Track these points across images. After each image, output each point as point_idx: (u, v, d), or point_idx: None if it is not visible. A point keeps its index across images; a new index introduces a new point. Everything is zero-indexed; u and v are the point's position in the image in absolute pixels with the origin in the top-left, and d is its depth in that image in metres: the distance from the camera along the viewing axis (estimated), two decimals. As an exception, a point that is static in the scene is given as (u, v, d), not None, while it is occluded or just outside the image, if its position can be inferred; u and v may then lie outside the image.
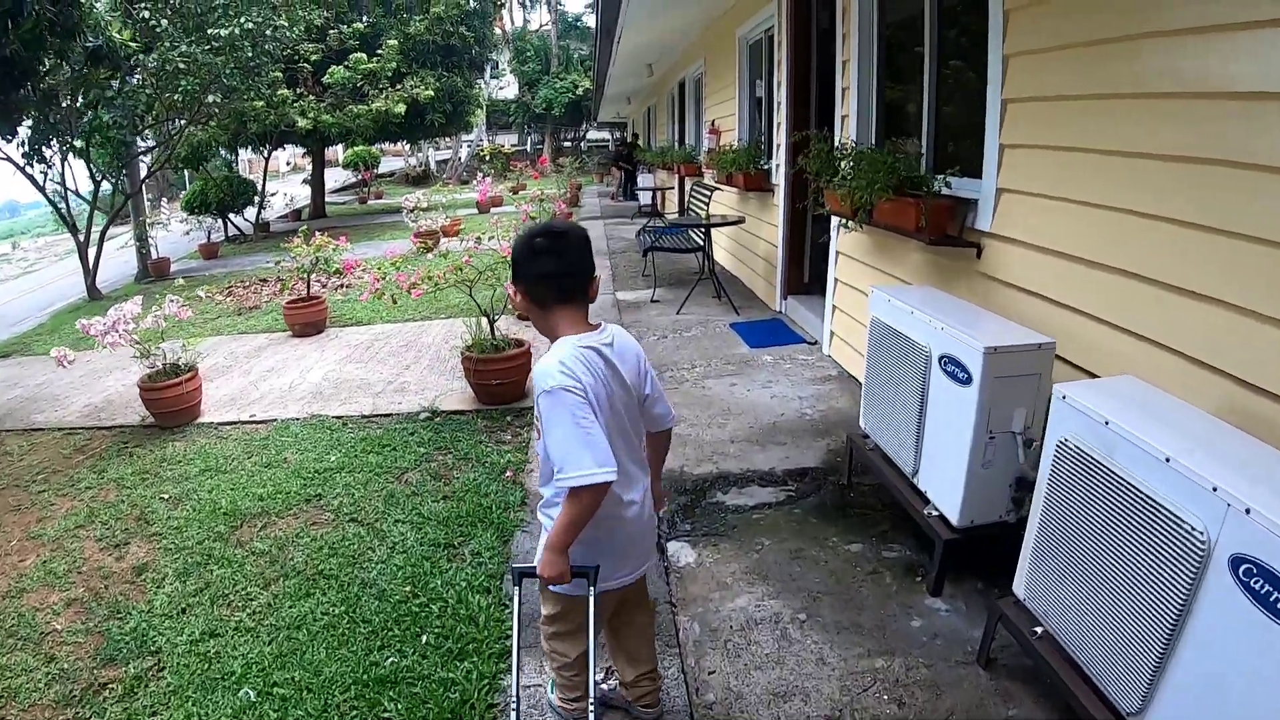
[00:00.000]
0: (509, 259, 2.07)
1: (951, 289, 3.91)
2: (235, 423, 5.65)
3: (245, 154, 24.18)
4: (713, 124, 9.63)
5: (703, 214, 7.93)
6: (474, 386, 5.54)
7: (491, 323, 5.54)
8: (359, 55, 18.99)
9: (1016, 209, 3.48)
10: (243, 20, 12.57)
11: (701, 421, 4.84)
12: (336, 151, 33.45)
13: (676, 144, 13.68)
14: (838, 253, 5.61)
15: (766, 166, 7.37)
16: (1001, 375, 2.80)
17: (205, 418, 5.77)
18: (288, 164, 42.69)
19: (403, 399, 5.80)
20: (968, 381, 2.86)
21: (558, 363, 1.79)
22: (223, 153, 20.58)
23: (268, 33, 13.25)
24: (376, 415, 5.53)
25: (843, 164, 4.64)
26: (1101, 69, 2.88)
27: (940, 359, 3.03)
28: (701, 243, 7.67)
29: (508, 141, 43.74)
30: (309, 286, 8.41)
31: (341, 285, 10.19)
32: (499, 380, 5.38)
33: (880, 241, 4.72)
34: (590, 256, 2.00)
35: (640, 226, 10.71)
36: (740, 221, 7.28)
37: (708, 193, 8.04)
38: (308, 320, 8.04)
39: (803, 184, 6.60)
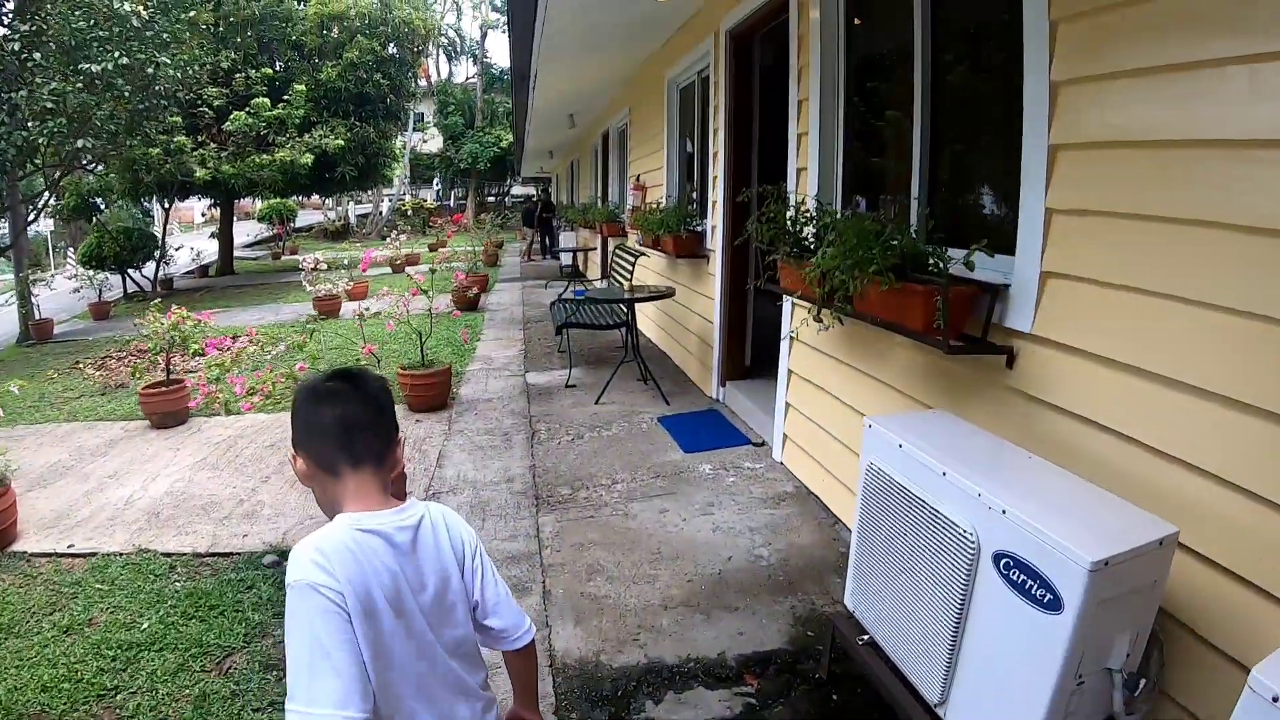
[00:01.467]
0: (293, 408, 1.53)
1: (968, 410, 2.78)
2: (52, 554, 4.16)
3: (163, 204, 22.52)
4: (637, 179, 8.55)
5: (625, 283, 6.75)
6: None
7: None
8: (263, 101, 17.50)
9: (1070, 301, 2.40)
10: (117, 55, 11.14)
11: (625, 572, 3.57)
12: (255, 203, 31.84)
13: (599, 201, 12.59)
14: (793, 339, 4.47)
15: (699, 228, 6.26)
16: (1109, 596, 1.71)
17: (21, 543, 4.34)
18: (203, 215, 40.49)
19: (250, 529, 4.36)
20: (1054, 606, 1.75)
21: (313, 549, 1.32)
22: (126, 202, 18.96)
23: (150, 70, 11.83)
24: (214, 554, 4.09)
25: (805, 230, 3.51)
26: (1209, 99, 1.88)
27: (1000, 561, 1.88)
28: (624, 318, 6.47)
29: (431, 196, 42.69)
30: (169, 369, 6.90)
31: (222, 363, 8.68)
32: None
33: (856, 331, 3.57)
34: (392, 411, 1.56)
35: (557, 296, 9.46)
36: (669, 294, 6.14)
37: (631, 258, 6.89)
38: (166, 409, 6.49)
39: (743, 250, 5.55)
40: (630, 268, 6.79)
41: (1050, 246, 2.45)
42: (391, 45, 21.37)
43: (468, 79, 42.72)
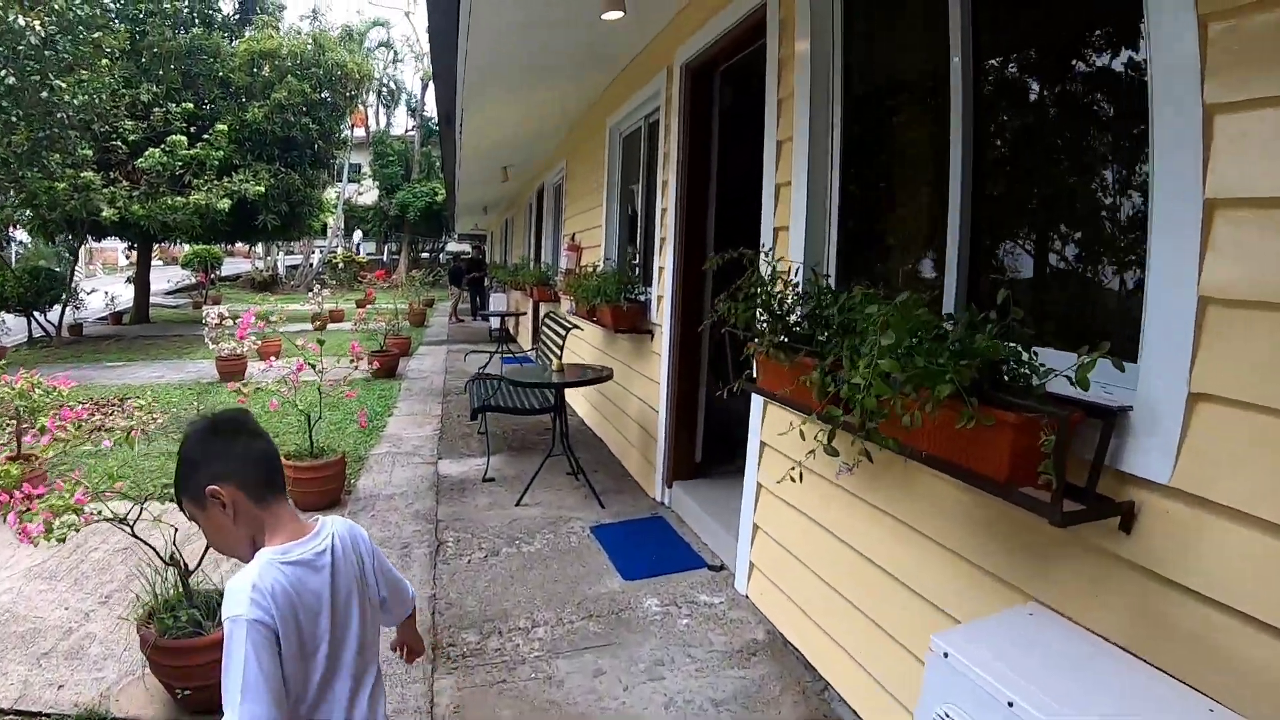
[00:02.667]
0: (180, 467, 1.59)
1: (1045, 584, 1.88)
2: None
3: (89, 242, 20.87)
4: (572, 238, 7.64)
5: (554, 359, 5.75)
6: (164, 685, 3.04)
7: (185, 573, 3.08)
8: (179, 138, 16.07)
9: (1234, 438, 1.53)
10: (3, 74, 9.90)
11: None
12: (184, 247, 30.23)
13: (532, 261, 11.65)
14: (763, 444, 3.54)
15: (643, 298, 5.34)
16: None
17: None
18: (127, 257, 38.28)
19: (69, 677, 3.14)
20: None
21: (250, 587, 1.43)
22: (37, 239, 17.23)
23: (44, 95, 10.56)
24: (16, 712, 2.93)
25: (793, 310, 2.60)
26: None
27: None
28: (552, 402, 5.45)
29: (365, 249, 41.33)
30: (19, 444, 5.59)
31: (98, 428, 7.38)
32: (201, 684, 2.89)
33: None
34: None
35: (475, 372, 8.34)
36: (605, 377, 5.15)
37: (562, 330, 5.89)
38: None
39: (695, 325, 4.63)
40: (561, 340, 5.80)
41: (1204, 353, 1.56)
42: (323, 89, 20.25)
43: (406, 131, 41.86)
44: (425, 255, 39.72)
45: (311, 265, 35.50)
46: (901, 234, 2.94)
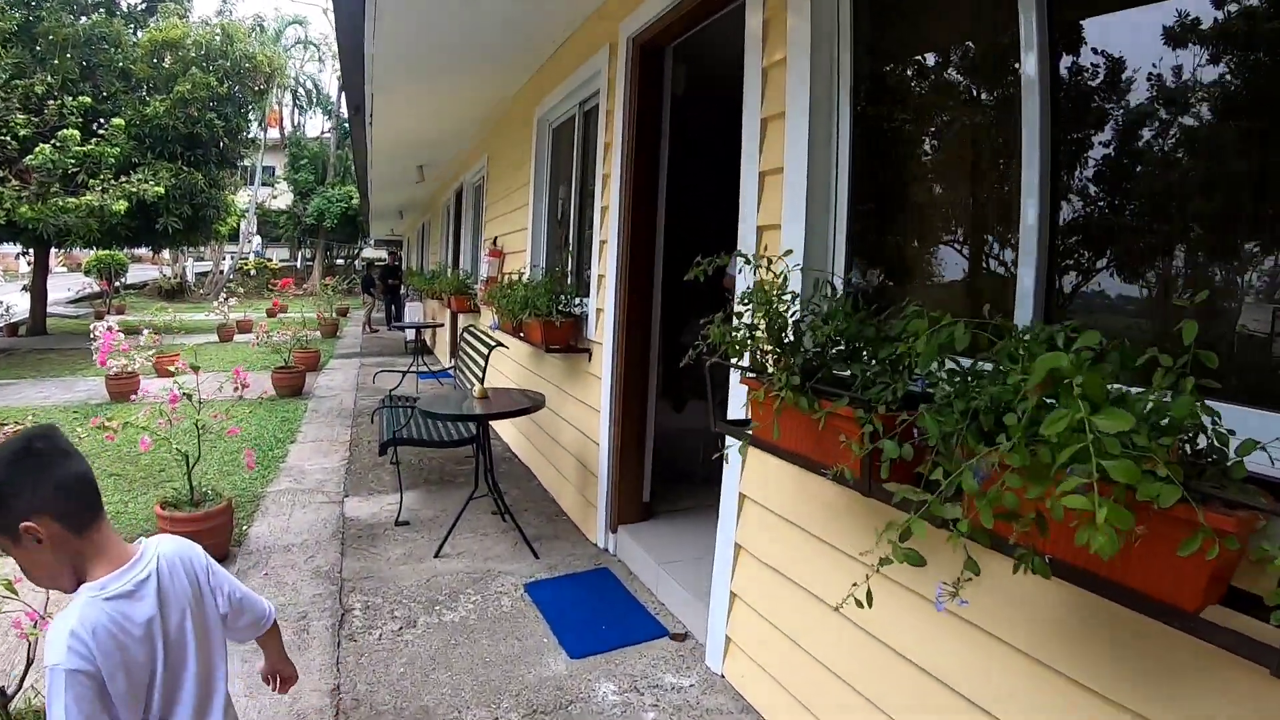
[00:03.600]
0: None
1: None
2: None
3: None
4: (494, 242, 6.78)
5: (476, 381, 4.91)
6: None
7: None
8: (71, 133, 14.36)
9: None
10: None
11: None
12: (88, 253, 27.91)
13: (450, 268, 10.69)
14: (743, 496, 2.80)
15: (577, 311, 4.56)
16: None
17: None
18: (29, 264, 35.10)
19: None
20: None
21: (69, 634, 1.34)
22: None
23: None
24: None
25: (805, 333, 1.88)
26: None
27: None
28: (473, 433, 4.61)
29: (278, 256, 39.28)
30: None
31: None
32: None
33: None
34: None
35: (385, 396, 7.30)
36: (534, 407, 4.32)
37: (484, 348, 5.04)
38: None
39: (643, 343, 3.89)
40: (482, 360, 4.96)
41: None
42: (230, 82, 18.65)
43: (322, 133, 39.93)
44: (341, 262, 37.91)
45: (222, 272, 33.44)
46: (938, 230, 2.23)
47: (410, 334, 11.47)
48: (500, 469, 5.91)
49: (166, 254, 31.42)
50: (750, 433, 2.06)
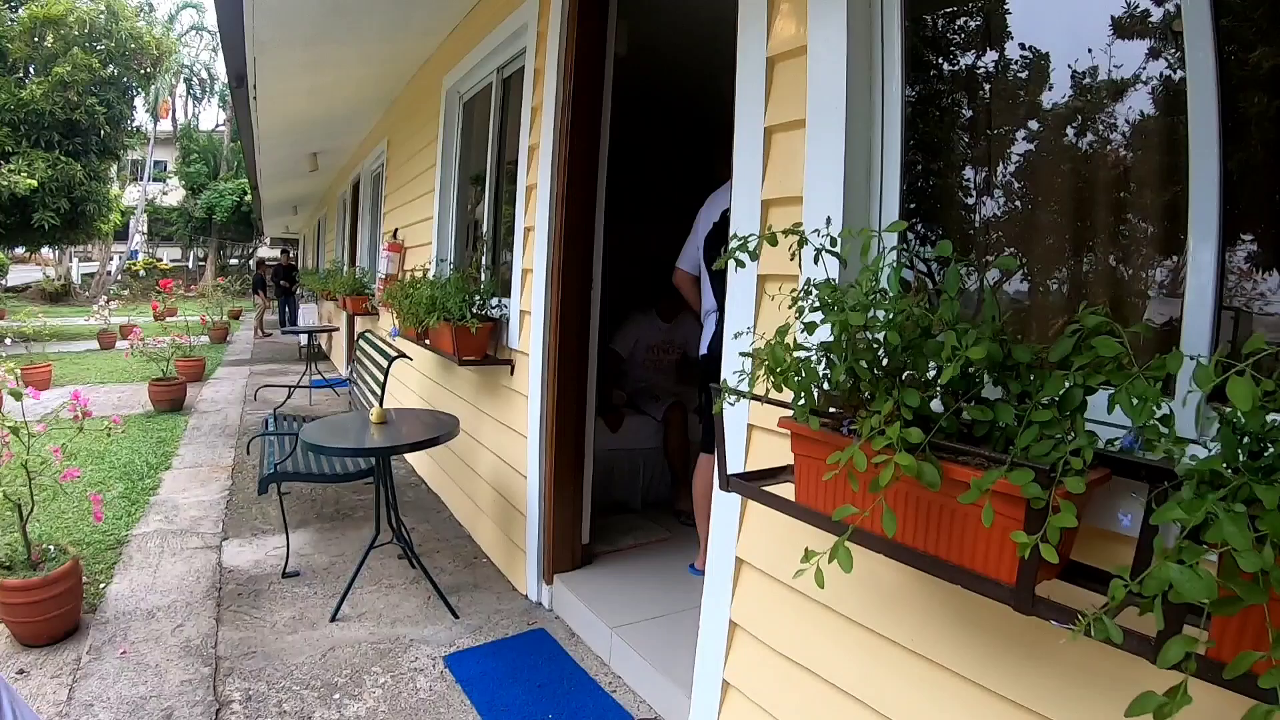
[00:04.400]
0: None
1: None
2: None
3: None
4: (394, 234, 5.83)
5: (374, 399, 3.98)
6: None
7: None
8: None
9: None
10: None
11: None
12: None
13: (346, 265, 9.56)
14: (740, 561, 2.06)
15: (496, 313, 3.70)
16: None
17: None
18: None
19: None
20: None
21: None
22: None
23: None
24: None
25: (937, 356, 1.12)
26: None
27: None
28: (373, 464, 3.68)
29: (169, 256, 36.56)
30: None
31: None
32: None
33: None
34: None
35: (263, 423, 6.10)
36: (447, 435, 3.39)
37: (383, 360, 4.13)
38: None
39: (578, 355, 3.10)
40: (381, 375, 4.04)
41: None
42: (113, 64, 16.75)
43: (216, 126, 37.30)
44: (235, 261, 35.52)
45: (109, 273, 30.77)
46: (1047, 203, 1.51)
47: (304, 338, 10.27)
48: (405, 497, 4.99)
49: (47, 253, 28.76)
50: (798, 503, 1.30)
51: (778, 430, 1.47)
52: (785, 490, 1.43)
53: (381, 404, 3.91)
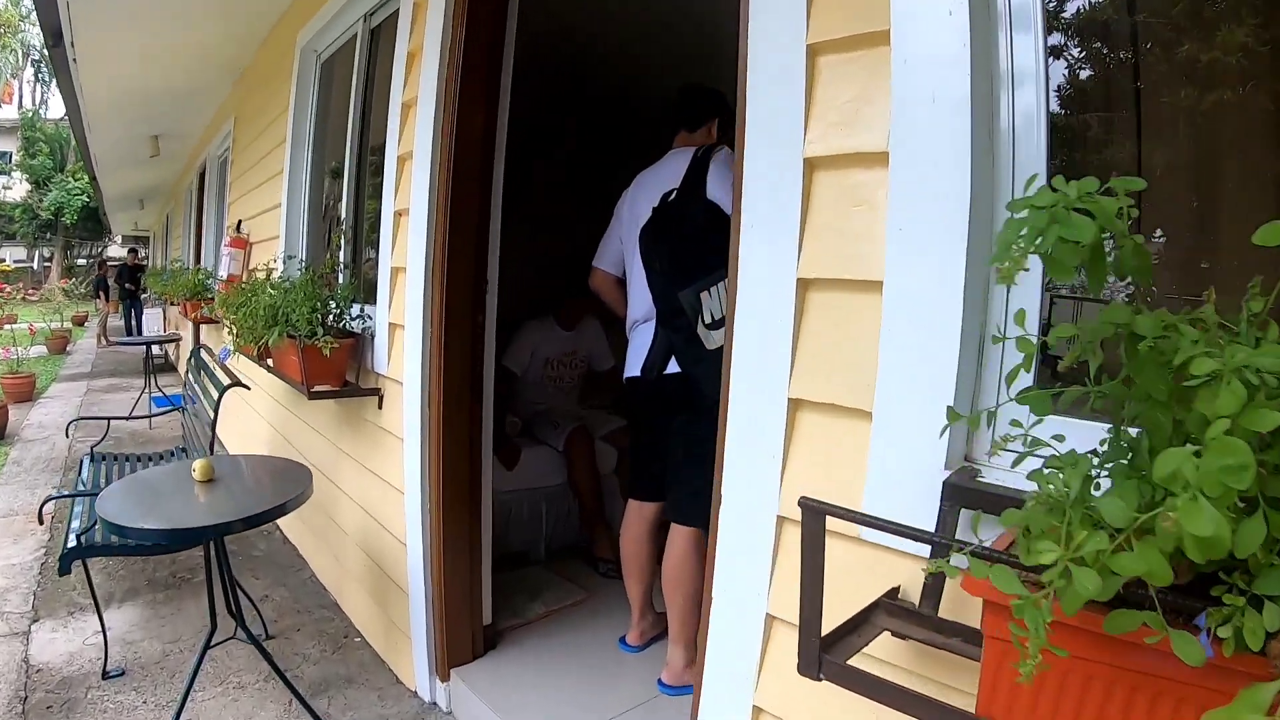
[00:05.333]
0: None
1: None
2: None
3: None
4: (236, 226, 4.73)
5: (204, 441, 2.98)
6: None
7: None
8: None
9: None
10: None
11: None
12: None
13: (192, 264, 8.19)
14: (772, 618, 1.28)
15: (358, 327, 2.77)
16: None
17: None
18: None
19: None
20: None
21: None
22: None
23: None
24: None
25: None
26: None
27: None
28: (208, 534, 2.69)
29: (12, 256, 32.90)
30: None
31: None
32: None
33: None
34: None
35: (93, 450, 4.61)
36: (292, 502, 2.34)
37: (214, 392, 3.12)
38: None
39: (469, 370, 2.26)
40: (211, 411, 3.03)
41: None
42: None
43: (64, 116, 33.80)
44: (83, 262, 32.24)
45: (-61, 278, 27.35)
46: None
47: (150, 348, 8.81)
48: (256, 550, 4.00)
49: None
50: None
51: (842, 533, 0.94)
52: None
53: (212, 448, 2.94)
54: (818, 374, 1.25)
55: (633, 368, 2.47)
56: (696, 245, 2.19)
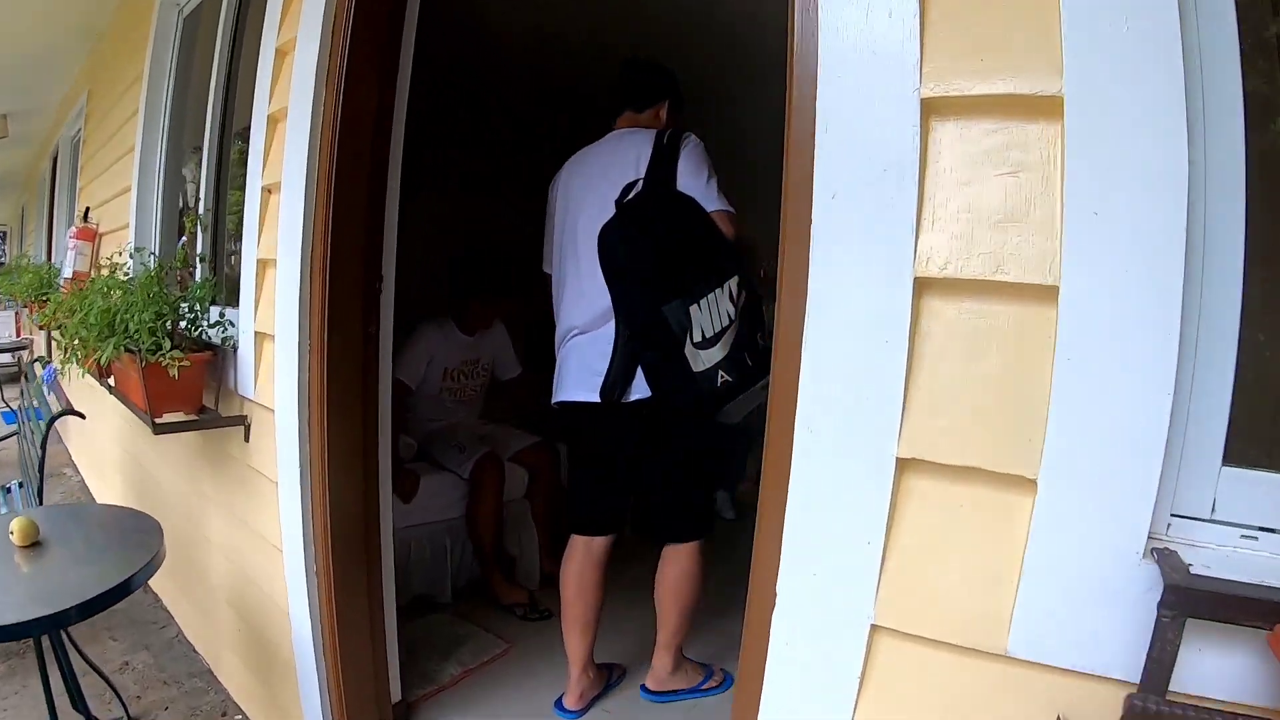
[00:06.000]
0: None
1: None
2: None
3: None
4: (84, 215, 3.95)
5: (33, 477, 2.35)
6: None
7: None
8: None
9: None
10: None
11: None
12: None
13: (47, 260, 7.17)
14: None
15: (216, 337, 2.16)
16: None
17: None
18: None
19: None
20: None
21: None
22: None
23: None
24: None
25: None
26: None
27: None
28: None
29: None
30: None
31: None
32: None
33: None
34: None
35: None
36: (137, 576, 1.68)
37: (42, 424, 2.47)
38: None
39: (361, 400, 1.72)
40: (39, 449, 2.37)
41: None
42: None
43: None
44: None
45: None
46: None
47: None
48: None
49: None
50: None
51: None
52: None
53: (41, 494, 2.29)
54: (946, 422, 0.84)
55: (575, 389, 2.02)
56: (682, 249, 1.82)
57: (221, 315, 2.11)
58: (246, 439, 2.03)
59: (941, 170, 0.86)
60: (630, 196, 1.88)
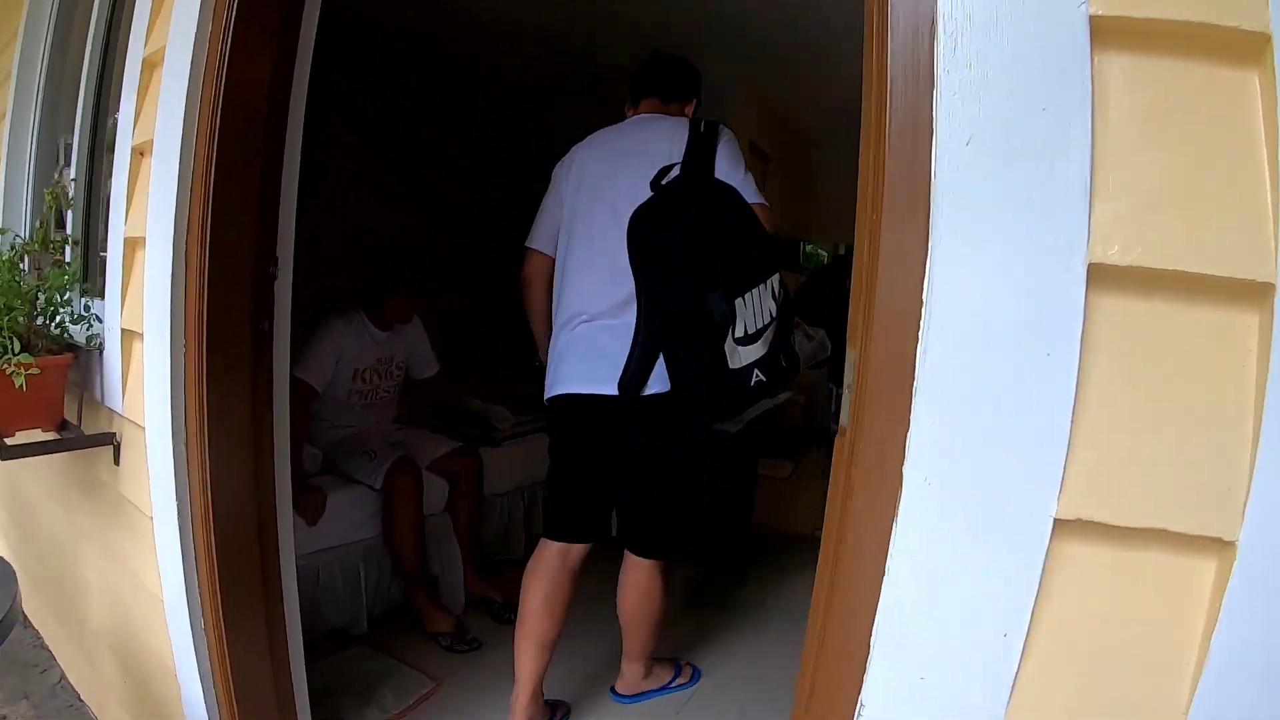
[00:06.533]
0: None
1: None
2: None
3: None
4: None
5: None
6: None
7: None
8: None
9: None
10: None
11: None
12: None
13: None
14: None
15: (81, 335, 1.76)
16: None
17: None
18: None
19: None
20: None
21: None
22: None
23: None
24: None
25: None
26: None
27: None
28: None
29: None
30: None
31: None
32: None
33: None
34: None
35: None
36: None
37: None
38: None
39: (240, 413, 1.33)
40: None
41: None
42: None
43: None
44: None
45: None
46: None
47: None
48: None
49: None
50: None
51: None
52: None
53: None
54: (1127, 470, 0.52)
55: (583, 381, 1.81)
56: (719, 237, 1.70)
57: (87, 309, 1.71)
58: (117, 461, 1.64)
59: (1116, 120, 0.57)
60: (667, 180, 1.74)
